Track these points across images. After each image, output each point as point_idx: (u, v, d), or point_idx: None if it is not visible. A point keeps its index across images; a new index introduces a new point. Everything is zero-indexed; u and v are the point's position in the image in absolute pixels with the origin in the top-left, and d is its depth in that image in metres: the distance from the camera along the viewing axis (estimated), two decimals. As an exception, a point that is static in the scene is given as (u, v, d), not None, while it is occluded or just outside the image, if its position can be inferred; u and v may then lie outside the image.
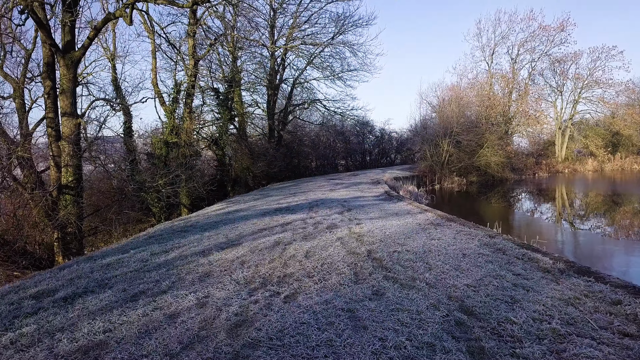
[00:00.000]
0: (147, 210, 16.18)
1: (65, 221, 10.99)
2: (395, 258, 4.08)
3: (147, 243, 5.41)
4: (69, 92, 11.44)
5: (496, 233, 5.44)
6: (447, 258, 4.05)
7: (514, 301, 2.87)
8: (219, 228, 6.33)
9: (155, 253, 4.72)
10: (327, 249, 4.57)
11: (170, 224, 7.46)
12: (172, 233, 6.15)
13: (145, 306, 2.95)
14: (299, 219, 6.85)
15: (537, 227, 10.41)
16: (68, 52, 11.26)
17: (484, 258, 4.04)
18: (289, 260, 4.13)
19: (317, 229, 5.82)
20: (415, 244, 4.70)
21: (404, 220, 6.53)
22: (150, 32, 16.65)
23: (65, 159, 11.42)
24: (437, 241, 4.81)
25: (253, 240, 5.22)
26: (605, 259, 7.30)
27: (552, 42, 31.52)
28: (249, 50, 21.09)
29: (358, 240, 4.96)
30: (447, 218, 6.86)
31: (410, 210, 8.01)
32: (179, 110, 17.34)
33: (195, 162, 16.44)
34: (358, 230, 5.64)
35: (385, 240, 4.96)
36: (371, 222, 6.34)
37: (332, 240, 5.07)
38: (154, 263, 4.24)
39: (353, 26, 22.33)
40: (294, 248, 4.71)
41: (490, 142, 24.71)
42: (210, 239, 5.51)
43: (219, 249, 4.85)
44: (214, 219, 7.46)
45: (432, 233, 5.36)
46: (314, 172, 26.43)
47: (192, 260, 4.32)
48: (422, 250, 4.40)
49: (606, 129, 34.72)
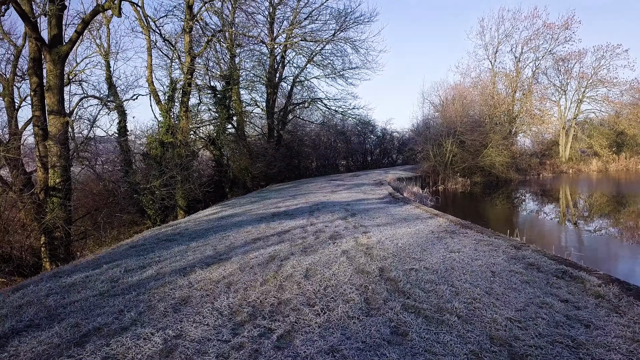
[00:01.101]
0: (142, 212, 15.59)
1: (52, 225, 10.39)
2: (414, 278, 3.41)
3: (125, 255, 4.74)
4: (56, 88, 10.84)
5: (520, 242, 4.78)
6: (474, 278, 3.38)
7: (577, 345, 2.21)
8: (208, 237, 5.65)
9: (130, 269, 4.05)
10: (330, 266, 3.89)
11: (158, 231, 6.78)
12: (156, 243, 5.48)
13: (92, 355, 2.28)
14: (298, 226, 6.18)
15: (555, 232, 9.76)
16: (55, 47, 10.67)
17: (517, 277, 3.38)
18: (285, 282, 3.45)
19: (318, 239, 5.14)
20: (433, 258, 4.04)
21: (415, 228, 5.87)
22: (145, 28, 16.04)
23: (52, 159, 10.84)
24: (458, 254, 4.15)
25: (244, 254, 4.53)
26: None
27: (556, 40, 30.87)
28: (248, 48, 20.44)
29: (367, 254, 4.29)
30: (461, 224, 6.20)
31: (419, 215, 7.36)
32: (175, 109, 16.75)
33: (191, 162, 15.79)
34: (366, 240, 4.96)
35: (399, 253, 4.29)
36: (379, 229, 5.67)
37: (336, 254, 4.40)
38: (124, 284, 3.57)
39: (354, 23, 21.68)
40: (292, 265, 4.02)
41: (495, 142, 24.07)
42: (196, 251, 4.84)
43: (203, 265, 4.18)
44: (204, 226, 6.78)
45: (449, 243, 4.70)
46: (315, 173, 25.76)
47: (170, 281, 3.64)
48: (443, 267, 3.74)
49: (610, 129, 34.07)
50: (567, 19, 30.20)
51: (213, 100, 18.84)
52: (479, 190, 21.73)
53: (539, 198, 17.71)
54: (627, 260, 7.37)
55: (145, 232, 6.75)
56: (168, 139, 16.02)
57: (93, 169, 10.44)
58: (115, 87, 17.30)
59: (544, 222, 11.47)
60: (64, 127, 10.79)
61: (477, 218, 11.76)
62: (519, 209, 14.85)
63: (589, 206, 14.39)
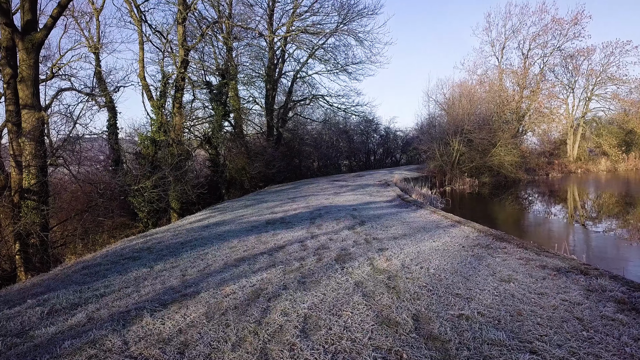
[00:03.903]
0: (134, 215, 14.65)
1: (25, 231, 9.41)
2: (470, 337, 2.30)
3: (68, 281, 3.69)
4: (30, 80, 9.86)
5: (584, 264, 3.74)
6: (560, 333, 2.32)
7: None
8: (181, 255, 4.58)
9: (56, 310, 3.00)
10: (340, 312, 2.75)
11: (128, 243, 5.72)
12: (115, 262, 4.42)
13: None
14: (295, 240, 5.13)
15: (594, 242, 8.72)
16: (28, 34, 9.69)
17: (619, 330, 2.33)
18: (270, 343, 2.34)
19: (321, 262, 4.03)
20: (484, 294, 2.96)
21: (440, 241, 4.85)
22: (137, 20, 15.06)
23: (27, 158, 9.85)
24: (514, 286, 3.08)
25: (219, 286, 3.41)
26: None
27: (565, 36, 29.82)
28: (246, 41, 19.41)
29: (390, 289, 3.15)
30: (493, 235, 5.18)
31: (438, 223, 6.34)
32: (167, 106, 15.77)
33: (184, 162, 14.78)
34: (385, 264, 3.82)
35: (434, 286, 3.16)
36: (398, 245, 4.63)
37: (347, 288, 3.23)
38: (28, 340, 2.50)
39: (358, 16, 20.64)
40: (283, 308, 2.88)
41: (504, 141, 23.05)
42: (158, 278, 3.77)
43: (158, 305, 3.05)
44: (182, 238, 5.72)
45: (492, 266, 3.66)
46: (316, 173, 24.73)
47: (96, 339, 2.51)
48: (505, 311, 2.65)
49: (619, 127, 33.08)
50: (577, 13, 29.21)
51: (208, 96, 17.82)
52: (487, 190, 20.71)
53: (555, 200, 16.66)
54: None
55: (114, 245, 5.68)
56: (160, 137, 15.05)
57: (68, 169, 9.39)
58: (104, 82, 16.33)
59: (573, 228, 10.44)
60: (39, 123, 9.82)
61: (496, 223, 10.76)
62: (539, 212, 13.81)
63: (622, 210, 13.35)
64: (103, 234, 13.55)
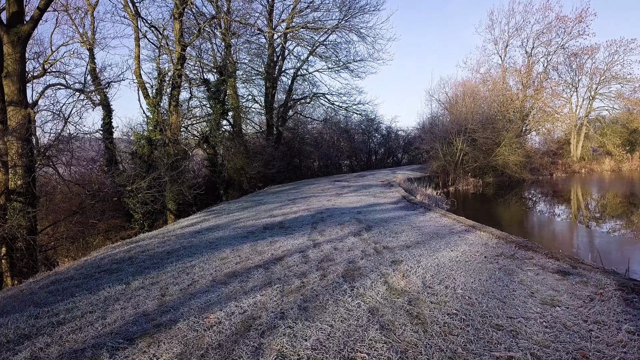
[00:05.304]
0: (130, 216, 14.18)
1: (10, 235, 8.93)
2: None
3: (23, 304, 3.07)
4: (16, 75, 9.38)
5: (629, 279, 3.24)
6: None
7: None
8: (164, 268, 4.03)
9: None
10: (354, 355, 2.14)
11: (111, 250, 5.17)
12: (88, 277, 3.87)
13: None
14: (295, 249, 4.61)
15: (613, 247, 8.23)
16: (13, 27, 9.19)
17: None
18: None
19: (326, 279, 3.43)
20: (530, 326, 2.39)
21: (459, 250, 4.35)
22: (132, 15, 14.55)
23: (13, 158, 9.37)
24: (563, 312, 2.50)
25: (202, 313, 2.83)
26: None
27: (569, 34, 29.32)
28: (245, 38, 18.89)
29: (413, 318, 2.56)
30: (516, 243, 4.68)
31: (451, 227, 5.85)
32: (164, 104, 15.27)
33: (181, 162, 14.28)
34: (402, 283, 3.22)
35: (467, 314, 2.58)
36: (412, 255, 4.12)
37: (359, 317, 2.62)
38: None
39: (359, 12, 20.11)
40: (280, 349, 2.23)
41: (508, 140, 22.56)
42: (131, 300, 3.19)
43: (122, 342, 2.42)
44: (169, 246, 5.20)
45: (528, 283, 3.12)
46: (317, 173, 24.20)
47: None
48: (563, 351, 2.11)
49: (623, 127, 32.62)
50: (581, 11, 28.73)
51: (206, 94, 17.30)
52: (492, 191, 20.22)
53: (564, 201, 16.17)
54: None
55: (94, 253, 5.11)
56: (156, 136, 14.56)
57: (55, 169, 8.89)
58: (99, 79, 15.81)
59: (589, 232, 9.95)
60: (26, 120, 9.33)
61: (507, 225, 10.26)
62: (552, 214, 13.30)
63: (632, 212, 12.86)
64: (98, 236, 13.06)
